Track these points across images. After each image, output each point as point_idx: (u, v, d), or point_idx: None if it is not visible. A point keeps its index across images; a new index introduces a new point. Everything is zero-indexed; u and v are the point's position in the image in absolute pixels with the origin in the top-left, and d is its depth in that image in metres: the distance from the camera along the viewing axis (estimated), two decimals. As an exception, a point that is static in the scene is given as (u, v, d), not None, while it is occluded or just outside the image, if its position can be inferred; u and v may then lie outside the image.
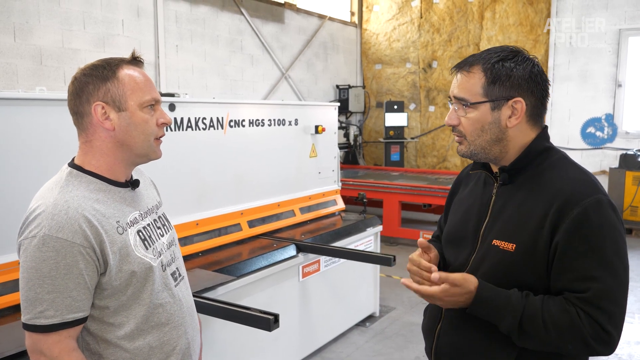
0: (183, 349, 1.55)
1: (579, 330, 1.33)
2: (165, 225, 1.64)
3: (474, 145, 1.49)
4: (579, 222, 1.33)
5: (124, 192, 1.50)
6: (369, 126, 11.19)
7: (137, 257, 1.43)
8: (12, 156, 2.37)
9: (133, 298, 1.43)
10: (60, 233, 1.30)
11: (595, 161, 8.76)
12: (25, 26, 5.41)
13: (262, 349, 3.45)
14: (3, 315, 2.32)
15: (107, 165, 1.47)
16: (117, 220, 1.42)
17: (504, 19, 9.41)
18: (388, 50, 10.83)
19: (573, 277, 1.35)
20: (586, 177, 1.42)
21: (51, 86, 5.59)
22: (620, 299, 1.35)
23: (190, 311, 1.62)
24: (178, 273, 1.61)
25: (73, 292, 1.32)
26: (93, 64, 1.46)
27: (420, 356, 4.04)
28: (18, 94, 2.46)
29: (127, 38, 6.40)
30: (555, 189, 1.39)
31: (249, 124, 3.76)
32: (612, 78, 8.54)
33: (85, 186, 1.42)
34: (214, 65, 7.67)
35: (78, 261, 1.31)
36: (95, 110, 1.42)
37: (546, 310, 1.36)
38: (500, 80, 1.42)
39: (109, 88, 1.42)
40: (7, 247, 2.32)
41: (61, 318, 1.31)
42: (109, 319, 1.41)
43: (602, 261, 1.33)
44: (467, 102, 1.46)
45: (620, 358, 4.04)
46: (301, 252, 3.72)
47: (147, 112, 1.47)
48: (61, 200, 1.35)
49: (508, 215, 1.47)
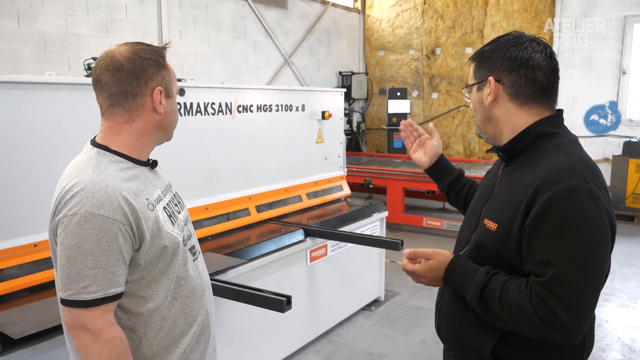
0: (203, 320, 1.63)
1: (530, 313, 1.33)
2: (180, 203, 1.70)
3: (476, 125, 1.62)
4: (546, 206, 1.33)
5: (146, 171, 1.56)
6: (372, 113, 11.18)
7: (167, 233, 1.49)
8: (23, 140, 2.39)
9: (162, 271, 1.49)
10: (101, 210, 1.34)
11: (598, 149, 8.76)
12: (29, 11, 5.39)
13: (270, 332, 3.49)
14: (21, 296, 2.35)
15: (140, 145, 1.52)
16: (146, 198, 1.47)
17: (508, 5, 9.36)
18: (391, 36, 10.78)
19: (535, 260, 1.36)
20: (570, 163, 1.39)
21: (55, 71, 5.58)
22: (578, 287, 1.31)
23: (207, 285, 1.70)
24: (195, 248, 1.68)
25: (113, 267, 1.36)
26: (142, 48, 1.50)
27: (425, 339, 4.10)
28: (28, 78, 2.47)
29: (130, 23, 6.38)
30: (537, 173, 1.40)
31: (257, 109, 3.77)
32: (616, 65, 8.52)
33: (115, 165, 1.45)
34: (218, 51, 7.65)
35: (118, 237, 1.36)
36: (155, 94, 1.49)
37: (505, 289, 1.39)
38: (482, 63, 1.54)
39: (164, 75, 1.52)
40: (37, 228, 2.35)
41: (103, 293, 1.35)
42: (140, 293, 1.47)
43: (563, 248, 1.32)
44: (467, 86, 1.62)
45: (623, 342, 4.09)
46: (309, 236, 3.76)
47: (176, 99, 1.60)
48: (98, 178, 1.39)
49: (499, 195, 1.53)
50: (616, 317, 4.55)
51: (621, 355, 3.90)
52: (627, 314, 4.62)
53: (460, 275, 1.50)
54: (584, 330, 1.35)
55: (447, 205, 8.39)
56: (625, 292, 5.14)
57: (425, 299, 4.91)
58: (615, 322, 4.47)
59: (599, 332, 4.24)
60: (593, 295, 1.34)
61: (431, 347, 3.98)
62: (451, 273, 1.52)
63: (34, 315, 2.19)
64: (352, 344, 4.04)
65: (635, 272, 5.73)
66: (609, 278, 5.40)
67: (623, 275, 5.62)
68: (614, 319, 4.53)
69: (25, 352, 2.05)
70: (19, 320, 2.11)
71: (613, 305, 4.81)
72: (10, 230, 2.35)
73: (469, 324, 1.55)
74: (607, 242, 1.36)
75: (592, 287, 1.33)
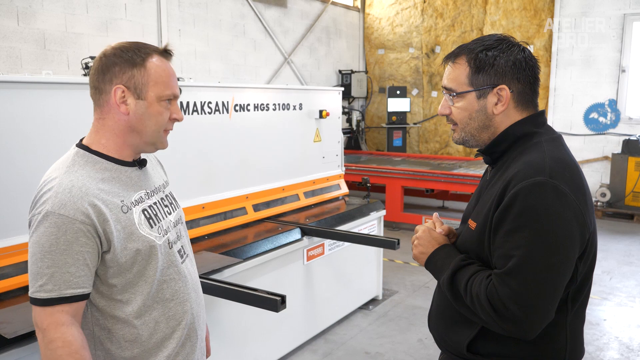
0: (188, 324, 1.60)
1: (484, 301, 1.36)
2: (172, 204, 1.67)
3: (465, 132, 1.55)
4: (510, 202, 1.35)
5: (131, 172, 1.53)
6: (372, 111, 11.18)
7: (142, 236, 1.46)
8: (18, 140, 2.40)
9: (139, 275, 1.47)
10: (62, 210, 1.34)
11: (598, 147, 8.76)
12: (28, 10, 5.40)
13: (267, 331, 3.50)
14: (16, 295, 2.36)
15: (116, 145, 1.50)
16: (121, 200, 1.45)
17: (508, 3, 9.35)
18: (391, 35, 10.77)
19: (497, 254, 1.38)
20: (538, 160, 1.39)
21: (55, 70, 5.59)
22: (529, 280, 1.31)
23: (195, 287, 1.67)
24: (184, 251, 1.65)
25: (71, 267, 1.34)
26: (125, 45, 1.48)
27: (422, 338, 4.10)
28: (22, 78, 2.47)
29: (130, 22, 6.39)
30: (509, 171, 1.42)
31: (254, 108, 3.78)
32: (615, 63, 8.51)
33: (91, 166, 1.45)
34: (217, 50, 7.65)
35: (78, 237, 1.35)
36: (115, 93, 1.45)
37: (473, 277, 1.43)
38: (484, 69, 1.47)
39: (134, 74, 1.45)
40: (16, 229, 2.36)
41: (59, 293, 1.33)
42: (116, 296, 1.45)
43: (520, 241, 1.33)
44: (454, 92, 1.52)
45: (621, 341, 4.09)
46: (306, 235, 3.76)
47: (163, 105, 1.50)
48: (66, 179, 1.39)
49: (483, 197, 1.55)
50: (614, 316, 4.55)
51: (619, 354, 3.90)
52: (626, 313, 4.62)
53: (441, 260, 1.55)
54: (537, 325, 1.34)
55: (447, 203, 8.39)
56: (624, 290, 5.14)
57: (422, 298, 4.92)
58: (613, 320, 4.46)
59: (596, 331, 4.24)
60: (546, 290, 1.33)
61: (428, 346, 3.98)
62: (435, 255, 1.57)
63: (28, 315, 2.19)
64: (350, 343, 4.05)
65: (634, 270, 5.73)
66: (608, 277, 5.43)
67: (622, 273, 5.62)
68: (612, 317, 4.52)
69: (19, 352, 2.05)
70: (13, 319, 2.12)
71: (611, 304, 4.80)
72: (5, 229, 2.36)
73: (449, 318, 1.58)
74: (571, 241, 1.34)
75: (546, 282, 1.32)
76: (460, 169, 7.36)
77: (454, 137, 1.62)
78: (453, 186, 6.99)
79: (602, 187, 7.95)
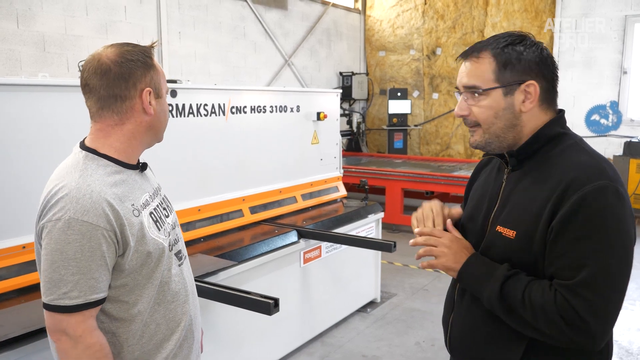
0: (187, 326, 1.62)
1: (553, 314, 1.29)
2: (169, 207, 1.69)
3: (489, 134, 1.45)
4: (576, 208, 1.28)
5: (135, 175, 1.54)
6: (372, 113, 11.17)
7: (152, 239, 1.48)
8: (11, 142, 2.39)
9: (147, 277, 1.49)
10: (85, 216, 1.34)
11: (599, 149, 8.64)
12: (28, 13, 5.41)
13: (263, 334, 3.49)
14: (8, 298, 2.35)
15: (129, 148, 1.51)
16: (132, 203, 1.46)
17: (509, 5, 9.33)
18: (392, 37, 10.76)
19: (561, 264, 1.31)
20: (594, 163, 1.35)
21: (54, 72, 5.60)
22: (606, 291, 1.27)
23: (192, 290, 1.69)
24: (182, 253, 1.67)
25: (96, 273, 1.36)
26: (129, 49, 1.48)
27: (420, 341, 4.08)
28: (21, 80, 2.47)
29: (129, 24, 6.39)
30: (560, 175, 1.35)
31: (250, 110, 3.77)
32: (617, 65, 8.48)
33: (102, 170, 1.45)
34: (217, 52, 7.66)
35: (101, 244, 1.36)
36: (144, 96, 1.48)
37: (528, 289, 1.34)
38: (512, 64, 1.39)
39: (152, 76, 1.50)
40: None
41: (85, 299, 1.35)
42: (124, 298, 1.46)
43: (592, 250, 1.28)
44: (479, 89, 1.42)
45: (620, 345, 4.06)
46: (302, 238, 3.75)
47: (166, 99, 1.58)
48: (84, 184, 1.38)
49: (514, 201, 1.45)
50: (614, 319, 4.52)
51: (618, 358, 3.87)
52: (625, 316, 4.59)
53: (477, 270, 1.43)
54: (608, 334, 1.32)
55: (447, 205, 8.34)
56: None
57: (421, 301, 4.90)
58: (613, 324, 4.44)
59: (595, 334, 4.22)
60: (620, 299, 1.31)
61: (426, 349, 3.96)
62: (469, 266, 1.45)
63: (20, 317, 2.19)
64: (347, 346, 4.03)
65: (635, 273, 5.69)
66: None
67: (622, 276, 5.58)
68: (612, 320, 4.50)
69: (10, 355, 2.04)
70: (4, 322, 2.11)
71: (611, 307, 4.77)
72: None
73: (488, 338, 1.47)
74: (633, 244, 1.32)
75: (621, 290, 1.30)
76: (460, 171, 7.35)
77: (473, 140, 1.49)
78: (453, 188, 6.97)
79: (604, 189, 7.90)
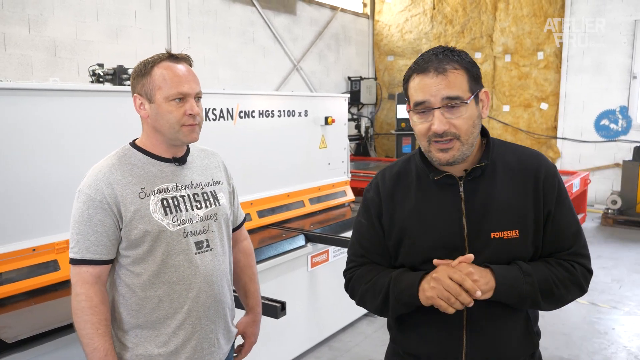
0: (192, 312, 1.74)
1: (578, 281, 1.48)
2: (208, 201, 1.82)
3: (467, 145, 1.42)
4: (554, 184, 1.49)
5: (165, 166, 1.76)
6: (381, 118, 11.17)
7: (153, 220, 1.68)
8: (20, 146, 2.43)
9: (148, 253, 1.69)
10: (86, 189, 1.66)
11: (608, 154, 8.67)
12: (39, 18, 5.48)
13: (270, 338, 3.49)
14: (19, 300, 2.38)
15: (152, 143, 1.77)
16: (142, 187, 1.69)
17: (518, 9, 9.31)
18: (400, 41, 10.78)
19: (564, 236, 1.50)
20: (522, 146, 1.60)
21: (65, 77, 5.66)
22: (584, 237, 1.55)
23: (208, 280, 1.78)
24: (206, 244, 1.78)
25: (91, 237, 1.64)
26: (144, 60, 1.75)
27: (428, 346, 4.06)
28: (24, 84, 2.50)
29: (139, 29, 6.45)
30: (520, 166, 1.49)
31: (258, 114, 3.79)
32: (627, 69, 8.43)
33: (126, 158, 1.72)
34: (226, 57, 7.70)
35: (98, 212, 1.64)
36: (135, 100, 1.75)
37: (548, 271, 1.46)
38: (475, 73, 1.44)
39: (144, 83, 1.71)
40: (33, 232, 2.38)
41: (81, 255, 1.64)
42: (130, 267, 1.70)
43: (572, 213, 1.52)
44: (463, 100, 1.39)
45: (630, 350, 4.03)
46: (310, 242, 3.75)
47: (173, 104, 1.69)
48: (99, 166, 1.71)
49: (495, 204, 1.44)
50: (623, 325, 4.49)
51: (627, 364, 3.85)
52: (635, 322, 4.55)
53: (507, 275, 1.41)
54: None
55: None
56: (634, 299, 5.06)
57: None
58: (622, 329, 4.40)
59: (604, 340, 4.19)
60: None
61: (433, 353, 3.95)
62: (498, 277, 1.40)
63: (30, 320, 2.22)
64: (354, 350, 4.03)
65: (645, 279, 5.65)
66: (617, 285, 5.36)
67: (632, 281, 5.54)
68: (621, 326, 4.46)
69: (20, 356, 2.06)
70: (14, 324, 2.14)
71: (620, 313, 4.74)
72: (9, 234, 2.38)
73: (514, 340, 1.52)
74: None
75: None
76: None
77: (451, 155, 1.41)
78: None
79: (613, 195, 7.85)
